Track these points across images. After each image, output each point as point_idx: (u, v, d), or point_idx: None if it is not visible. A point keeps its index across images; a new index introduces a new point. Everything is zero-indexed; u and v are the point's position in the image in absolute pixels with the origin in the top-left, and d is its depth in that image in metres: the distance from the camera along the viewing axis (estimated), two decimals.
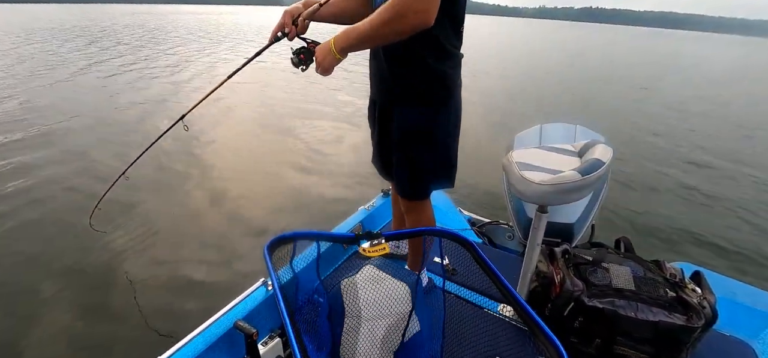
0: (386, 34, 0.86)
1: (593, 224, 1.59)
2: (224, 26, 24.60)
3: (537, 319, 0.66)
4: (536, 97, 8.33)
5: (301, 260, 1.21)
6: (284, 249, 0.89)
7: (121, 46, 12.34)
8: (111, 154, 3.92)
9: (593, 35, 45.70)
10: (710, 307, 1.02)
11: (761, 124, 6.81)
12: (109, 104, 5.86)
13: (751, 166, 4.65)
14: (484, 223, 1.99)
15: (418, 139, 1.06)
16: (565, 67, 14.22)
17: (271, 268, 0.75)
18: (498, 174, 1.80)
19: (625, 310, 1.02)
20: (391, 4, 0.83)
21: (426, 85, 1.01)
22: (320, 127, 5.26)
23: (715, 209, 3.51)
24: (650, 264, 1.16)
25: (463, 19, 0.98)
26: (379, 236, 0.89)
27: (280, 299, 0.67)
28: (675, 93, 9.62)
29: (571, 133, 1.58)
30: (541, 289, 1.17)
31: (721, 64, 21.07)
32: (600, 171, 0.91)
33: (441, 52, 0.98)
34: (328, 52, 0.93)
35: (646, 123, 6.41)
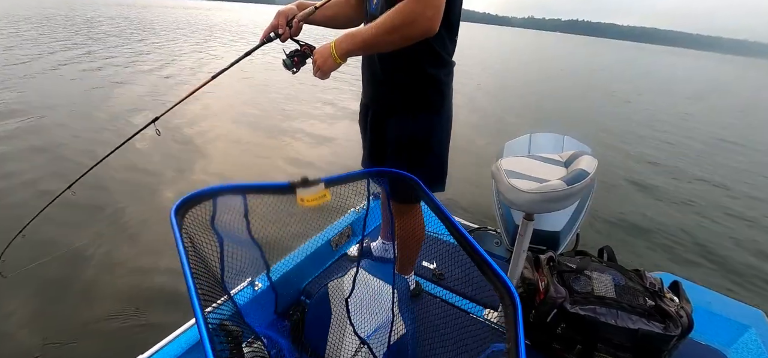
0: (393, 40, 0.86)
1: (578, 232, 1.62)
2: (216, 24, 24.34)
3: (487, 257, 0.65)
4: (526, 105, 8.47)
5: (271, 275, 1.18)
6: (200, 210, 0.71)
7: (97, 43, 11.84)
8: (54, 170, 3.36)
9: (580, 48, 46.81)
10: (687, 316, 1.06)
11: (726, 137, 7.05)
12: (82, 101, 5.59)
13: (733, 181, 4.81)
14: (473, 229, 2.01)
15: (413, 144, 1.08)
16: (554, 79, 14.48)
17: (178, 235, 0.59)
18: (488, 181, 1.84)
19: (605, 317, 1.05)
20: (399, 11, 0.83)
21: (421, 92, 1.02)
22: (308, 129, 5.25)
23: (696, 221, 3.62)
24: (631, 273, 1.19)
25: (458, 27, 1.00)
26: (317, 181, 0.78)
27: (187, 270, 0.53)
28: (656, 106, 9.90)
29: (560, 143, 1.62)
30: (526, 295, 1.19)
31: (697, 78, 21.83)
32: (585, 181, 0.94)
33: (436, 60, 1.00)
34: (328, 55, 0.92)
35: (630, 135, 6.58)
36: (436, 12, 0.82)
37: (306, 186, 0.77)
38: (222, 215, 0.74)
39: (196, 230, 0.69)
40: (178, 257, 0.56)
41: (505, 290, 0.59)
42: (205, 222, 0.72)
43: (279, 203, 0.80)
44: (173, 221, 0.61)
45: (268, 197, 0.79)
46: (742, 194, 4.39)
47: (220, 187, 0.74)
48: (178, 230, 0.60)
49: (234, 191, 0.76)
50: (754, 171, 5.27)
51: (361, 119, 1.25)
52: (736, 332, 1.32)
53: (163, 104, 5.19)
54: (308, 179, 0.77)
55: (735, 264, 2.94)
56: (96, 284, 2.04)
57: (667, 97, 11.93)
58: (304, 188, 0.77)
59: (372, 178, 0.91)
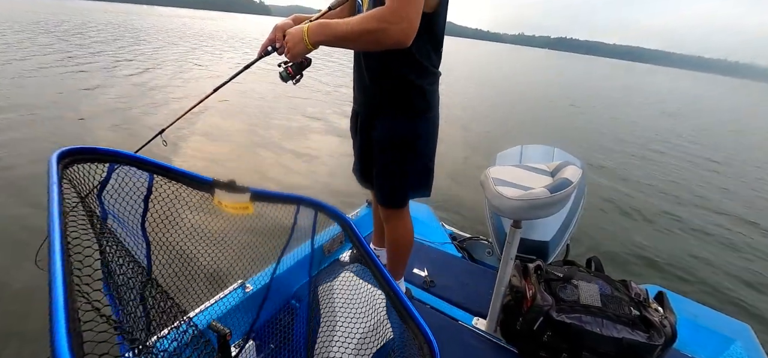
0: (365, 41, 0.88)
1: (568, 243, 1.64)
2: (219, 34, 24.61)
3: (409, 307, 0.63)
4: (521, 121, 8.57)
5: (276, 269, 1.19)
6: (89, 172, 0.57)
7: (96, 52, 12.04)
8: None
9: (572, 65, 47.67)
10: (671, 326, 1.07)
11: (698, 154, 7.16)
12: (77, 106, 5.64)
13: (721, 198, 4.85)
14: (465, 238, 2.03)
15: (399, 148, 1.11)
16: (546, 95, 14.69)
17: (55, 182, 0.45)
18: (481, 191, 1.86)
19: (590, 326, 1.06)
20: (374, 15, 0.85)
21: (406, 98, 1.06)
22: (304, 139, 5.29)
23: (683, 236, 3.65)
24: (618, 283, 1.20)
25: (442, 40, 1.04)
26: (244, 189, 0.69)
27: (55, 223, 0.39)
28: (643, 122, 10.05)
29: (549, 154, 1.65)
30: (514, 303, 1.20)
31: (679, 96, 22.26)
32: (567, 190, 0.96)
33: (421, 70, 1.04)
34: (300, 40, 0.92)
35: (620, 149, 6.67)
36: (409, 26, 0.84)
37: (229, 190, 0.68)
38: (115, 188, 0.60)
39: (84, 191, 0.56)
40: (50, 196, 0.42)
41: (426, 344, 0.59)
42: (93, 188, 0.58)
43: (195, 197, 0.69)
44: (53, 168, 0.48)
45: (181, 188, 0.68)
46: (731, 210, 4.43)
47: (123, 153, 0.60)
48: (56, 179, 0.46)
49: (139, 164, 0.62)
50: (752, 187, 5.33)
51: (351, 126, 1.28)
52: (722, 345, 1.33)
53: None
54: (235, 184, 0.69)
55: (723, 278, 2.96)
56: None
57: (658, 114, 12.13)
58: (225, 192, 0.68)
59: (302, 205, 0.85)
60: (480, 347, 1.21)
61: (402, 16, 0.83)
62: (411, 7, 0.83)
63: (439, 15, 0.99)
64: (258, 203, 0.73)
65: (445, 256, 1.71)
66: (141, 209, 0.66)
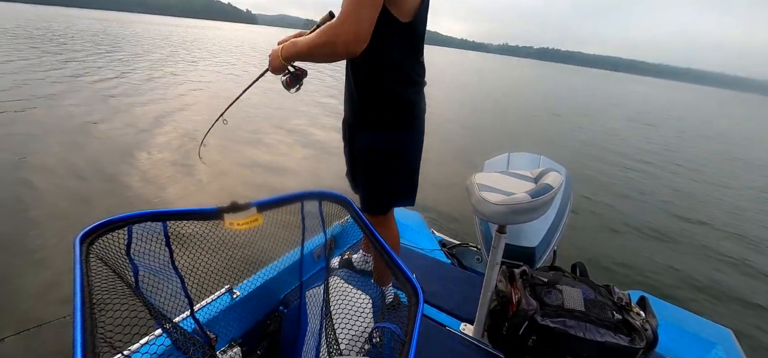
0: (320, 54, 0.96)
1: (555, 249, 1.67)
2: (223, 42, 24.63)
3: (396, 259, 0.68)
4: (510, 130, 8.71)
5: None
6: (114, 239, 0.66)
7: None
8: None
9: (554, 76, 48.92)
10: (652, 330, 1.09)
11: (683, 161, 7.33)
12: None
13: (704, 203, 4.96)
14: (455, 245, 2.04)
15: (382, 157, 1.13)
16: (533, 104, 14.92)
17: (78, 264, 0.54)
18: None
19: (574, 330, 1.08)
20: (325, 30, 0.92)
21: (391, 110, 1.08)
22: (301, 144, 5.30)
23: (667, 243, 3.72)
24: (601, 288, 1.23)
25: (422, 48, 1.08)
26: (247, 206, 0.74)
27: (79, 300, 0.48)
28: (624, 132, 10.28)
29: (535, 161, 1.68)
30: (500, 308, 1.21)
31: (657, 104, 22.88)
32: (549, 195, 0.99)
33: (405, 80, 1.07)
34: (276, 57, 1.06)
35: (601, 157, 6.81)
36: (355, 37, 0.88)
37: (235, 211, 0.74)
38: (139, 244, 0.70)
39: (113, 259, 0.65)
40: (75, 281, 0.51)
41: (410, 285, 0.63)
42: (121, 252, 0.67)
43: (209, 228, 0.76)
44: (77, 250, 0.56)
45: (194, 223, 0.76)
46: (711, 216, 4.52)
47: (136, 214, 0.69)
48: (79, 259, 0.55)
49: (152, 217, 0.72)
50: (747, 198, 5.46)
51: (343, 133, 1.30)
52: (704, 349, 1.36)
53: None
54: (238, 204, 0.74)
55: (706, 283, 3.02)
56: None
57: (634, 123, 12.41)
58: (233, 213, 0.73)
59: (305, 199, 0.91)
60: (466, 353, 1.22)
61: (354, 29, 0.88)
62: (361, 19, 0.88)
63: (417, 25, 1.01)
64: (265, 211, 0.78)
65: (434, 262, 1.72)
66: (167, 253, 0.76)
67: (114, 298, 0.58)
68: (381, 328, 0.77)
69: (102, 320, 0.51)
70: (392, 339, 0.75)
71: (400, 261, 0.66)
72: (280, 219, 0.88)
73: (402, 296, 1.45)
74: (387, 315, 1.25)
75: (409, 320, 0.58)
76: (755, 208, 5.09)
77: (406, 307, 1.46)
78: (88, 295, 0.51)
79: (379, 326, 0.79)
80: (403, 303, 1.42)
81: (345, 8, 0.89)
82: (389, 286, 1.39)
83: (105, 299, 0.55)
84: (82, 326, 0.45)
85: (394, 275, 0.67)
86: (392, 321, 1.23)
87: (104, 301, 0.54)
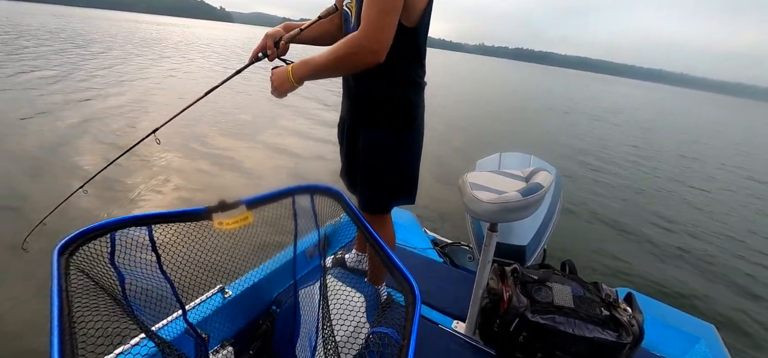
0: (342, 67, 0.94)
1: (545, 248, 1.70)
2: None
3: (394, 258, 0.66)
4: (497, 130, 8.83)
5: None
6: (96, 248, 0.63)
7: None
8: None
9: (530, 75, 49.74)
10: (638, 325, 1.12)
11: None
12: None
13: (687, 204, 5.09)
14: (447, 243, 2.06)
15: (383, 157, 1.13)
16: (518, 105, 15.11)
17: (55, 277, 0.51)
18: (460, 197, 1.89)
19: (563, 326, 1.10)
20: (348, 42, 0.91)
21: (392, 109, 1.09)
22: (293, 141, 5.27)
23: (653, 242, 3.81)
24: (589, 285, 1.25)
25: (425, 52, 1.08)
26: (236, 204, 0.72)
27: (56, 315, 0.45)
28: (603, 132, 10.50)
29: (526, 161, 1.71)
30: (492, 305, 1.23)
31: (622, 103, 23.55)
32: (539, 193, 1.01)
33: (406, 81, 1.07)
34: (285, 78, 0.98)
35: (581, 159, 6.95)
36: (380, 46, 0.89)
37: (224, 210, 0.71)
38: (124, 252, 0.67)
39: (96, 269, 0.62)
40: (52, 291, 0.48)
41: (407, 285, 0.62)
42: (104, 260, 0.64)
43: (197, 229, 0.73)
44: (54, 262, 0.53)
45: (180, 226, 0.73)
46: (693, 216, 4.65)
47: (117, 219, 0.66)
48: (57, 273, 0.52)
49: (135, 222, 0.68)
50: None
51: (338, 133, 1.30)
52: (688, 344, 1.40)
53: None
54: (226, 202, 0.72)
55: (690, 280, 3.10)
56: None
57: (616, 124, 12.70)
58: (222, 213, 0.71)
59: (296, 194, 0.89)
60: (458, 350, 1.23)
61: (378, 39, 0.88)
62: (385, 29, 0.88)
63: (420, 29, 1.02)
64: (255, 208, 0.76)
65: (426, 261, 1.73)
66: (154, 258, 0.72)
67: (96, 312, 0.55)
68: (377, 333, 0.77)
69: (84, 337, 0.48)
70: (389, 344, 0.74)
71: (397, 259, 0.66)
72: (271, 216, 0.86)
73: (395, 296, 1.46)
74: (381, 317, 1.25)
75: (407, 320, 0.57)
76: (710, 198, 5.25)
77: (400, 307, 1.47)
78: (66, 312, 0.47)
79: (374, 330, 0.79)
80: (396, 302, 1.43)
81: (371, 17, 0.87)
82: (383, 285, 1.39)
83: (86, 315, 0.52)
84: (60, 347, 0.42)
85: (391, 274, 0.66)
86: (387, 324, 1.24)
87: (86, 317, 0.52)
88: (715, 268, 3.41)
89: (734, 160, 8.76)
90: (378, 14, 0.87)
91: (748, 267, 3.49)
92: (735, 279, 3.25)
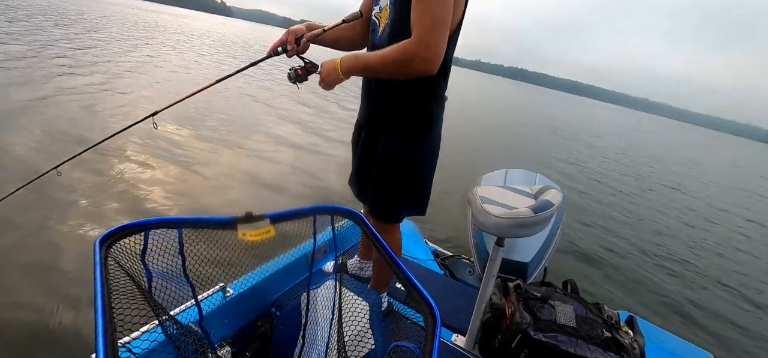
0: (392, 71, 0.95)
1: (546, 266, 1.70)
2: None
3: (414, 280, 0.68)
4: (502, 145, 8.87)
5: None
6: (130, 244, 0.68)
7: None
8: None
9: (525, 95, 50.23)
10: (640, 349, 1.12)
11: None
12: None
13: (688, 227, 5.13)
14: (447, 256, 2.06)
15: (400, 166, 1.13)
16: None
17: (98, 266, 0.56)
18: (464, 213, 1.90)
19: (565, 345, 1.10)
20: (401, 48, 0.91)
21: (412, 118, 1.09)
22: (296, 145, 5.27)
23: (655, 266, 3.82)
24: (592, 306, 1.25)
25: (450, 67, 1.09)
26: (261, 217, 0.75)
27: (100, 309, 0.49)
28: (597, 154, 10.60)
29: (532, 178, 1.73)
30: (494, 320, 1.23)
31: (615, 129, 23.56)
32: (550, 211, 1.01)
33: (430, 93, 1.08)
34: (333, 70, 1.01)
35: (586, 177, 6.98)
36: (433, 55, 0.90)
37: (249, 222, 0.74)
38: (154, 250, 0.71)
39: (128, 262, 0.67)
40: (96, 283, 0.53)
41: (427, 306, 0.63)
42: (136, 256, 0.69)
43: (221, 237, 0.76)
44: (96, 253, 0.58)
45: (207, 232, 0.77)
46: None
47: (152, 219, 0.71)
48: (99, 262, 0.57)
49: (168, 224, 0.73)
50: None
51: (354, 138, 1.30)
52: None
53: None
54: (252, 215, 0.74)
55: (689, 308, 3.11)
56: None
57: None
58: (246, 224, 0.73)
59: (318, 214, 0.92)
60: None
61: (432, 49, 0.89)
62: (439, 39, 0.89)
63: (451, 44, 1.03)
64: (277, 223, 0.79)
65: (427, 272, 1.73)
66: (179, 261, 0.77)
67: (127, 302, 0.60)
68: (400, 347, 0.77)
69: (121, 317, 0.54)
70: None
71: (417, 281, 0.66)
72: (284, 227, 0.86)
73: (396, 305, 1.45)
74: (382, 321, 1.24)
75: (427, 341, 0.58)
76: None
77: (397, 315, 1.46)
78: (108, 298, 0.52)
79: (396, 344, 0.79)
80: (396, 312, 1.42)
81: (425, 27, 0.88)
82: (384, 294, 1.39)
83: (120, 299, 0.58)
84: (104, 330, 0.47)
85: (410, 295, 0.67)
86: (385, 328, 1.23)
87: (121, 302, 0.58)
88: (714, 295, 3.42)
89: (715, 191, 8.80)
90: (432, 24, 0.88)
91: (742, 296, 3.51)
92: (730, 307, 3.27)
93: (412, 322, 1.39)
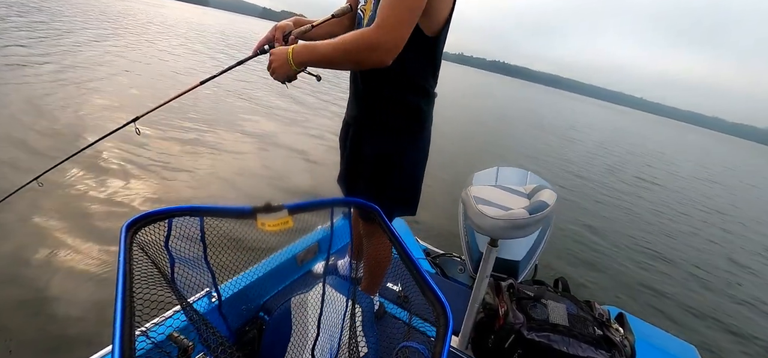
0: (348, 60, 0.88)
1: (536, 263, 1.71)
2: None
3: (429, 280, 0.67)
4: (491, 141, 8.94)
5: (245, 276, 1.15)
6: (154, 231, 0.70)
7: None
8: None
9: (508, 89, 50.81)
10: (630, 346, 1.13)
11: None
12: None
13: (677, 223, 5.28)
14: (439, 254, 2.05)
15: (388, 165, 1.10)
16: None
17: (123, 251, 0.58)
18: (454, 210, 1.89)
19: (558, 344, 1.10)
20: (359, 35, 0.85)
21: (401, 117, 1.06)
22: (284, 143, 5.18)
23: (642, 262, 3.92)
24: (583, 304, 1.26)
25: (440, 64, 1.06)
26: (280, 208, 0.75)
27: (121, 292, 0.51)
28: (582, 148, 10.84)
29: (523, 177, 1.72)
30: (487, 319, 1.22)
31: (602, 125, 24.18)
32: (545, 212, 1.01)
33: (419, 90, 1.04)
34: (284, 60, 0.91)
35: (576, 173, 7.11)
36: (393, 46, 0.83)
37: (268, 212, 0.74)
38: (177, 236, 0.74)
39: (152, 249, 0.69)
40: (119, 267, 0.55)
41: (440, 306, 0.62)
42: (160, 243, 0.71)
43: (239, 226, 0.77)
44: (122, 237, 0.61)
45: (227, 221, 0.78)
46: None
47: (177, 207, 0.73)
48: (124, 246, 0.59)
49: (191, 212, 0.75)
50: None
51: (341, 136, 1.26)
52: None
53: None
54: (271, 205, 0.74)
55: (675, 303, 3.20)
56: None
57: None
58: (266, 214, 0.74)
59: (336, 206, 0.91)
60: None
61: (385, 37, 0.82)
62: (396, 30, 0.83)
63: (440, 40, 1.00)
64: (295, 214, 0.80)
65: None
66: (201, 247, 0.80)
67: (148, 286, 0.62)
68: (408, 347, 0.76)
69: (141, 302, 0.56)
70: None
71: (432, 281, 0.65)
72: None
73: (388, 306, 1.44)
74: (374, 323, 1.22)
75: (437, 341, 0.57)
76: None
77: (390, 316, 1.44)
78: (129, 282, 0.54)
79: (405, 344, 0.78)
80: (388, 313, 1.40)
81: (386, 15, 0.81)
82: (376, 295, 1.37)
83: (142, 283, 0.60)
84: (122, 313, 0.48)
85: (424, 295, 0.65)
86: (377, 331, 1.21)
87: (142, 286, 0.60)
88: (701, 292, 3.53)
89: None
90: (394, 12, 0.81)
91: (731, 292, 3.64)
92: (716, 301, 3.38)
93: (404, 323, 1.38)
